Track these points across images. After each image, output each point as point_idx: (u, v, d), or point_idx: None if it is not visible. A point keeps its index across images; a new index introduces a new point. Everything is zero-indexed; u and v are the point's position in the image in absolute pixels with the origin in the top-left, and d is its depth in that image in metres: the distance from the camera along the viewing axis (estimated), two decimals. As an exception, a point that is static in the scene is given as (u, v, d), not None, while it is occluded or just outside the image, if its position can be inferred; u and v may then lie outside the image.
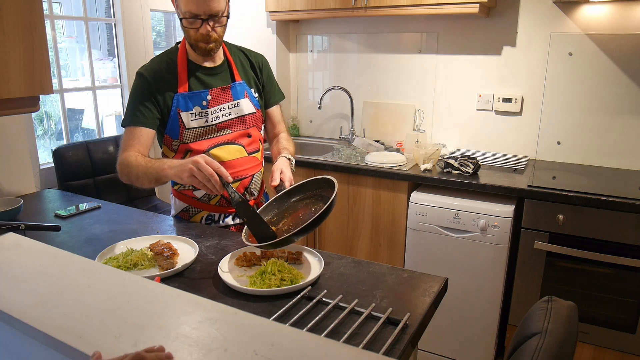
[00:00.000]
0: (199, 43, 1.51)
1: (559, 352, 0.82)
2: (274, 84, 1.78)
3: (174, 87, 1.55)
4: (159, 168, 1.41)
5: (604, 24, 2.35)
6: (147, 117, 1.52)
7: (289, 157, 1.62)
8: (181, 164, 1.35)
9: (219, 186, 1.30)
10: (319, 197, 1.42)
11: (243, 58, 1.71)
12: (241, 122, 1.64)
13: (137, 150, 1.49)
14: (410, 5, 2.43)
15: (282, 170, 1.52)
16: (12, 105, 1.15)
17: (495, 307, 2.22)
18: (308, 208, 1.40)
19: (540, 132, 2.59)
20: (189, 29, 1.49)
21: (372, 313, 1.07)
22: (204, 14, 1.44)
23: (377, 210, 2.48)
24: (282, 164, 1.56)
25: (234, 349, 0.73)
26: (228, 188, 1.31)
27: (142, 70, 1.56)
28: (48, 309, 0.85)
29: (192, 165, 1.31)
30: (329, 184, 1.38)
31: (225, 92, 1.61)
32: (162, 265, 1.29)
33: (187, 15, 1.46)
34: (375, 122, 3.03)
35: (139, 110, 1.52)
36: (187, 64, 1.58)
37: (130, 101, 1.55)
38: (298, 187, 1.46)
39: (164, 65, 1.57)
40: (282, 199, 1.47)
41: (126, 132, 1.54)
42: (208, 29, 1.47)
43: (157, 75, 1.55)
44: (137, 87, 1.55)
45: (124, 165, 1.48)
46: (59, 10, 3.29)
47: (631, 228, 1.94)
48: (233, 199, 1.30)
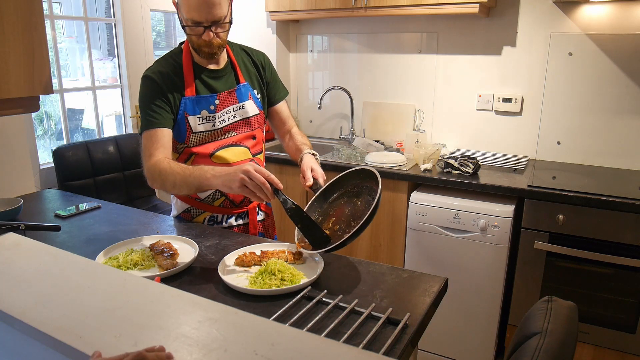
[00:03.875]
0: (202, 48, 1.50)
1: (559, 352, 0.82)
2: (277, 81, 1.77)
3: (181, 90, 1.54)
4: (201, 177, 1.37)
5: (604, 24, 2.35)
6: (164, 117, 1.50)
7: (312, 152, 1.60)
8: (229, 173, 1.31)
9: (271, 194, 1.27)
10: (360, 188, 1.39)
11: (246, 57, 1.70)
12: (246, 124, 1.63)
13: (164, 155, 1.46)
14: (410, 5, 2.43)
15: (313, 168, 1.50)
16: (12, 105, 1.15)
17: (495, 307, 2.22)
18: (352, 202, 1.38)
19: (540, 132, 2.59)
20: (191, 36, 1.48)
21: (372, 313, 1.07)
22: (207, 21, 1.43)
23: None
24: (309, 161, 1.53)
25: (234, 349, 0.73)
26: (279, 195, 1.28)
27: (149, 73, 1.54)
28: (48, 309, 0.85)
29: (243, 175, 1.27)
30: (367, 175, 1.36)
31: (231, 95, 1.60)
32: (162, 265, 1.29)
33: (189, 23, 1.44)
34: (375, 122, 3.03)
35: (155, 112, 1.49)
36: (192, 67, 1.57)
37: (142, 106, 1.52)
38: (334, 182, 1.45)
39: (170, 68, 1.55)
40: (320, 197, 1.45)
41: (146, 136, 1.49)
42: (211, 36, 1.46)
43: (165, 77, 1.53)
44: (146, 90, 1.52)
45: (157, 172, 1.43)
46: (59, 10, 3.29)
47: (631, 228, 1.94)
48: (285, 205, 1.28)
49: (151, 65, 1.58)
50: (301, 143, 1.66)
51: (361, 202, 1.35)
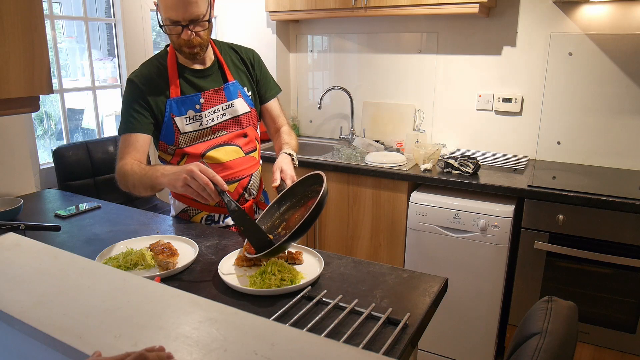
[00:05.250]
0: (182, 48, 1.50)
1: (559, 352, 0.82)
2: (268, 78, 1.76)
3: (166, 92, 1.54)
4: (152, 176, 1.39)
5: (604, 24, 2.35)
6: (141, 122, 1.51)
7: (289, 152, 1.59)
8: (175, 172, 1.31)
9: (215, 194, 1.27)
10: (316, 193, 1.37)
11: (234, 56, 1.69)
12: (236, 122, 1.63)
13: (133, 158, 1.48)
14: (410, 5, 2.43)
15: (282, 169, 1.49)
16: (12, 105, 1.15)
17: (495, 307, 2.22)
18: (306, 207, 1.37)
19: (540, 132, 2.59)
20: (171, 35, 1.49)
21: (372, 313, 1.07)
22: (184, 20, 1.43)
23: (377, 210, 2.48)
24: (282, 161, 1.53)
25: (234, 349, 0.73)
26: (224, 196, 1.27)
27: (133, 77, 1.55)
28: (48, 309, 0.85)
29: (186, 175, 1.26)
30: (318, 178, 1.35)
31: (218, 93, 1.60)
32: (162, 265, 1.29)
33: (167, 22, 1.45)
34: (375, 122, 3.03)
35: (133, 116, 1.51)
36: (177, 68, 1.57)
37: (123, 109, 1.54)
38: (295, 186, 1.43)
39: (154, 70, 1.56)
40: (282, 200, 1.44)
41: (122, 139, 1.53)
42: (189, 35, 1.45)
43: (148, 81, 1.53)
44: (128, 94, 1.54)
45: (121, 174, 1.47)
46: (59, 10, 3.29)
47: (631, 228, 1.94)
48: (229, 207, 1.26)
49: (137, 68, 1.58)
50: (284, 142, 1.65)
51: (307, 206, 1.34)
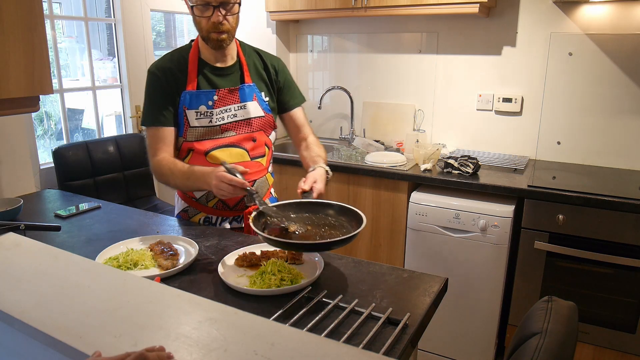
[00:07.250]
0: (210, 34, 1.49)
1: (559, 352, 0.82)
2: (292, 87, 1.75)
3: (183, 85, 1.56)
4: (193, 186, 1.53)
5: (604, 24, 2.35)
6: (166, 116, 1.55)
7: (327, 169, 1.59)
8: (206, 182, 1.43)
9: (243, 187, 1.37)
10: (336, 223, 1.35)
11: (257, 60, 1.68)
12: (247, 124, 1.62)
13: (167, 153, 1.56)
14: (410, 5, 2.43)
15: (317, 180, 1.49)
16: (12, 105, 1.15)
17: (495, 307, 2.22)
18: (318, 228, 1.33)
19: (540, 132, 2.59)
20: (200, 19, 1.48)
21: (372, 313, 1.07)
22: (215, 1, 1.44)
23: (377, 210, 2.48)
24: (319, 175, 1.53)
25: (234, 349, 0.73)
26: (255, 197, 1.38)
27: (153, 68, 1.57)
28: (48, 309, 0.85)
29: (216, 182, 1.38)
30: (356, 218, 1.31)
31: (232, 93, 1.60)
32: (162, 265, 1.29)
33: (198, 3, 1.45)
34: (375, 122, 3.03)
35: (159, 110, 1.54)
36: (197, 62, 1.58)
37: (147, 100, 1.57)
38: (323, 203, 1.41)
39: (175, 62, 1.57)
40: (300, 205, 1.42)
41: (149, 133, 1.56)
42: (219, 17, 1.46)
43: (167, 72, 1.55)
44: (150, 85, 1.57)
45: (159, 173, 1.56)
46: (59, 10, 3.29)
47: (631, 228, 1.94)
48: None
49: (158, 60, 1.60)
50: (316, 155, 1.66)
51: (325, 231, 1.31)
